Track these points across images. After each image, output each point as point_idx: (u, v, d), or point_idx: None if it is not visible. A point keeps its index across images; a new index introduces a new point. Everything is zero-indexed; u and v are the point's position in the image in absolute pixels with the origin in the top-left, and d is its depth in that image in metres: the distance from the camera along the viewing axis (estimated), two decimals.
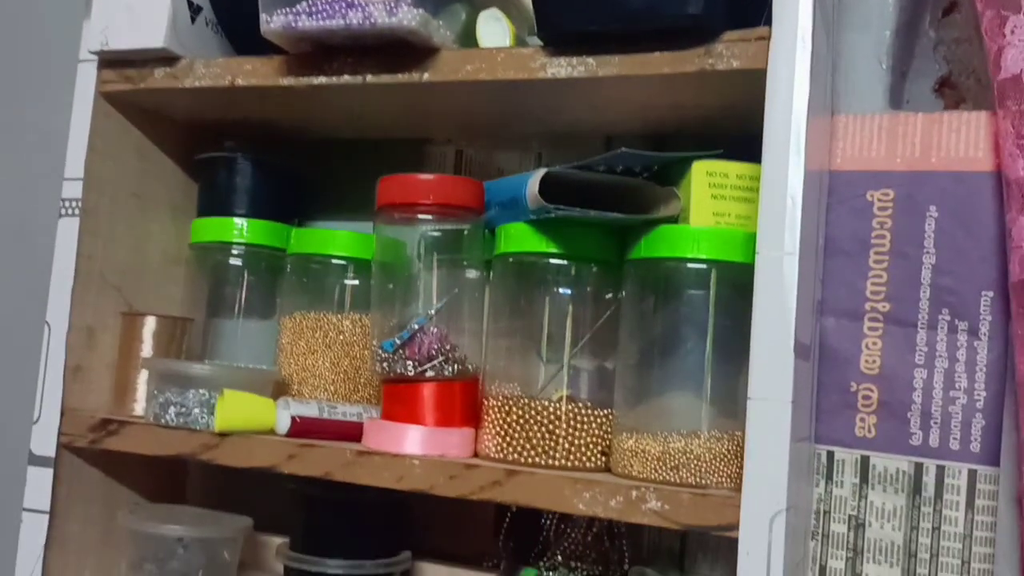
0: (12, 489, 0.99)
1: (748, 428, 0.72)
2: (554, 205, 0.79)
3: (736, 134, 0.82)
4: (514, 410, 0.83)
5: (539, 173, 0.80)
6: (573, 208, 0.79)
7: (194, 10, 0.95)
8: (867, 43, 0.92)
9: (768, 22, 0.74)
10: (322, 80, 0.88)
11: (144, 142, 1.03)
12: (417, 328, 0.86)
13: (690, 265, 0.79)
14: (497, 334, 0.88)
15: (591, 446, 0.82)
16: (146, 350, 0.98)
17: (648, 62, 0.78)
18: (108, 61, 0.96)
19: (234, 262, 1.03)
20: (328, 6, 0.83)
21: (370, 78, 0.86)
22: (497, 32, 0.86)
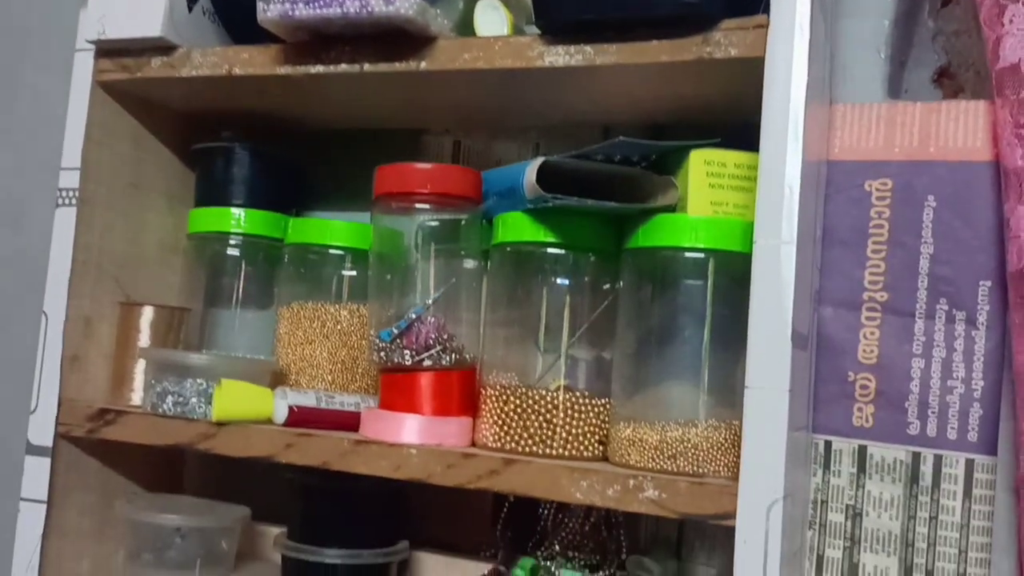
0: (10, 479, 0.99)
1: (745, 417, 0.71)
2: (551, 194, 0.79)
3: (734, 123, 0.82)
4: (511, 399, 0.82)
5: (536, 162, 0.80)
6: (570, 197, 0.79)
7: None
8: (865, 32, 0.92)
9: (766, 10, 0.74)
10: (319, 69, 0.88)
11: (141, 131, 1.03)
12: (415, 318, 0.86)
13: (688, 254, 0.79)
14: (494, 323, 0.88)
15: (588, 435, 0.82)
16: (143, 340, 0.98)
17: (646, 50, 0.77)
18: (105, 50, 0.95)
19: (232, 252, 1.03)
20: None
21: (367, 67, 0.86)
22: (495, 21, 0.86)
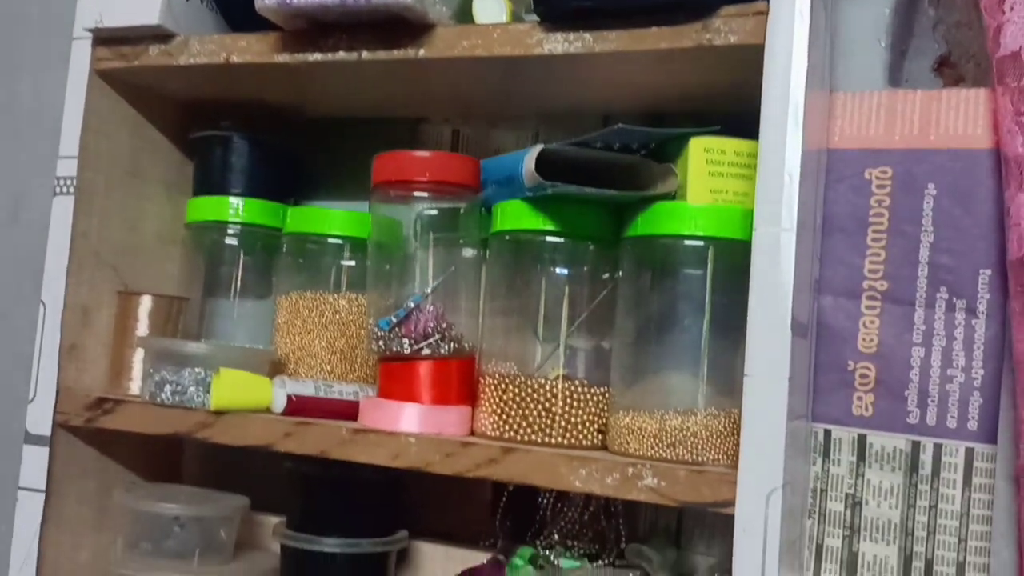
0: (8, 468, 0.99)
1: (745, 405, 0.71)
2: (550, 182, 0.79)
3: (734, 111, 0.81)
4: (510, 388, 0.82)
5: (535, 150, 0.80)
6: (569, 185, 0.79)
7: None
8: (866, 20, 0.92)
9: None
10: (317, 57, 0.87)
11: (139, 120, 1.02)
12: (413, 306, 0.86)
13: (687, 242, 0.79)
14: (493, 312, 0.87)
15: (588, 424, 0.82)
16: (142, 329, 0.98)
17: (645, 37, 0.77)
18: (103, 38, 0.95)
19: (230, 241, 1.03)
20: None
21: (365, 55, 0.86)
22: (493, 8, 0.86)
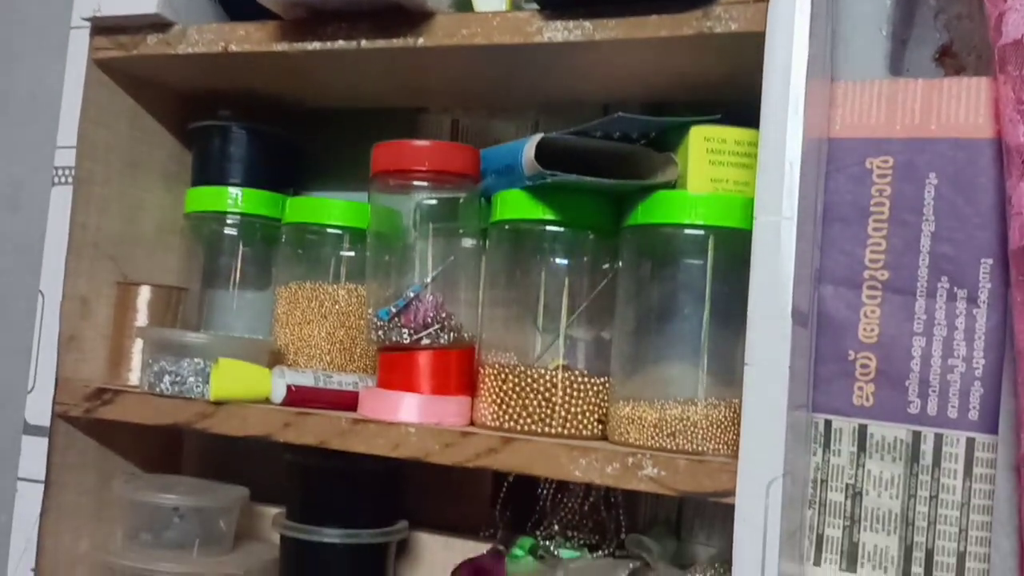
0: (7, 459, 0.98)
1: (745, 394, 0.71)
2: (550, 171, 0.78)
3: (734, 100, 0.81)
4: (510, 378, 0.82)
5: (535, 139, 0.79)
6: (569, 174, 0.79)
7: None
8: (867, 9, 0.91)
9: None
10: (316, 46, 0.87)
11: (138, 110, 1.02)
12: (413, 296, 0.85)
13: (687, 231, 0.78)
14: (493, 303, 0.87)
15: (588, 414, 0.81)
16: (141, 320, 0.98)
17: (645, 25, 0.77)
18: (101, 27, 0.95)
19: (229, 232, 1.02)
20: None
21: (364, 43, 0.85)
22: None
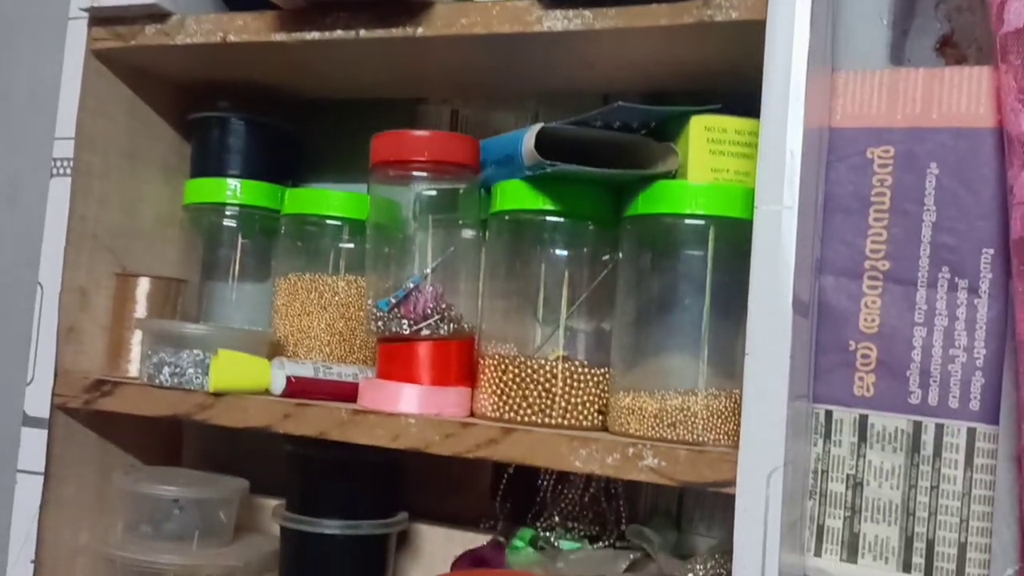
0: (6, 451, 0.98)
1: (745, 384, 0.71)
2: (550, 161, 0.78)
3: (735, 90, 0.81)
4: (510, 369, 0.82)
5: (535, 128, 0.79)
6: (569, 164, 0.78)
7: None
8: None
9: None
10: (315, 35, 0.87)
11: (136, 101, 1.02)
12: (412, 287, 0.85)
13: (688, 221, 0.78)
14: (493, 294, 0.87)
15: (588, 405, 0.81)
16: (140, 311, 0.98)
17: (645, 14, 0.76)
18: (99, 18, 0.94)
19: (228, 223, 1.02)
20: None
21: (363, 33, 0.85)
22: None
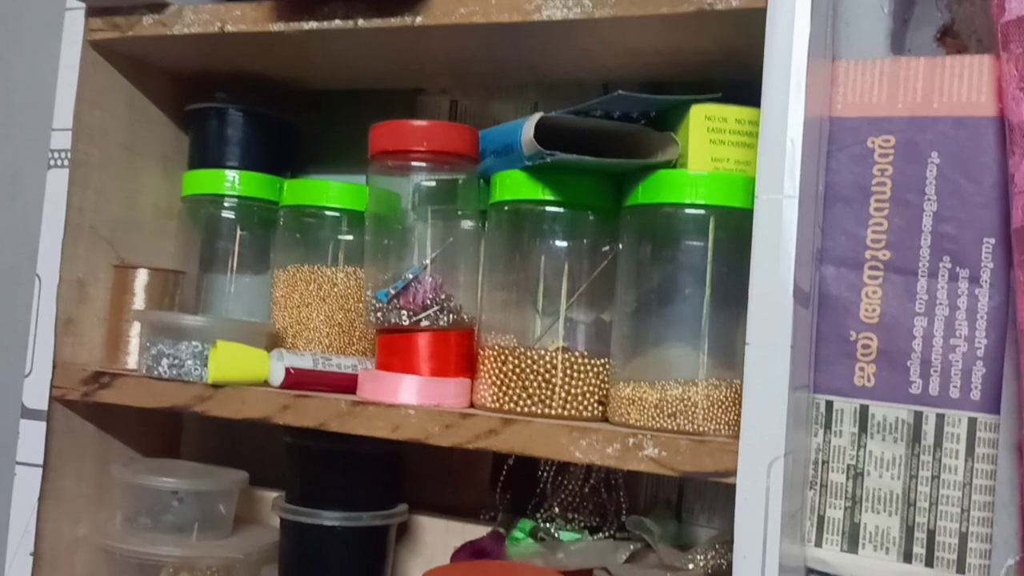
0: (5, 443, 0.98)
1: (746, 373, 0.71)
2: (549, 151, 0.78)
3: (735, 79, 0.81)
4: (510, 359, 0.82)
5: (534, 118, 0.79)
6: (569, 154, 0.78)
7: None
8: None
9: None
10: (313, 25, 0.86)
11: (134, 92, 1.01)
12: (412, 278, 0.85)
13: (688, 211, 0.78)
14: (492, 284, 0.87)
15: (588, 395, 0.81)
16: (138, 303, 0.97)
17: (646, 2, 0.76)
18: (96, 8, 0.94)
19: (226, 215, 1.02)
20: None
21: (362, 22, 0.85)
22: None
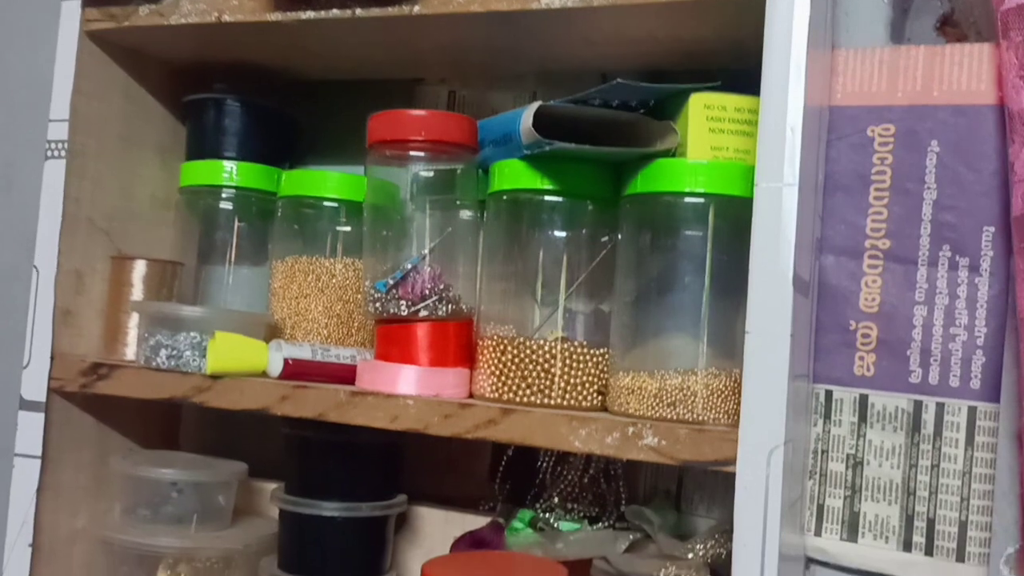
0: (3, 435, 0.98)
1: (746, 362, 0.70)
2: (548, 140, 0.78)
3: (734, 68, 0.80)
4: (509, 349, 0.81)
5: (533, 107, 0.78)
6: (568, 143, 0.78)
7: None
8: None
9: None
10: (310, 15, 0.86)
11: (131, 83, 1.01)
12: (410, 268, 0.85)
13: (687, 200, 0.77)
14: (491, 274, 0.86)
15: (587, 385, 0.81)
16: (136, 294, 0.97)
17: None
18: None
19: (224, 206, 1.01)
20: None
21: (359, 11, 0.84)
22: None
